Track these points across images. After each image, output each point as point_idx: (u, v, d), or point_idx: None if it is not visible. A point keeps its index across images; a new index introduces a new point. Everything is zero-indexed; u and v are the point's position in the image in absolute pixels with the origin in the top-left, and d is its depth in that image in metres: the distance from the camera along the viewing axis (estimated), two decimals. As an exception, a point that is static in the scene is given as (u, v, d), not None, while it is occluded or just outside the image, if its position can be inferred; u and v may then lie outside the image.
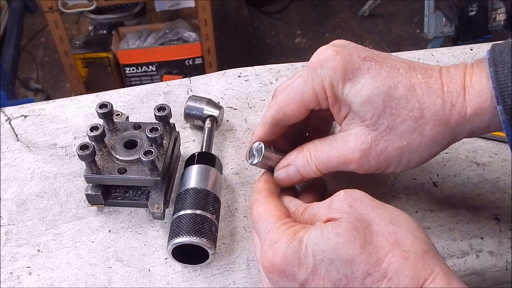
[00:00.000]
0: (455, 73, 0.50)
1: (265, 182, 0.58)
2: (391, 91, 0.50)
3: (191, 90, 0.81)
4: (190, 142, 0.74)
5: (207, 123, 0.71)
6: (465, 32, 2.33)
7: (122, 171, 0.61)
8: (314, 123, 0.63)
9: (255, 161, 0.59)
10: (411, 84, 0.50)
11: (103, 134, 0.62)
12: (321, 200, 0.57)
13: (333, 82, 0.51)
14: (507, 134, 0.48)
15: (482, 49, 0.84)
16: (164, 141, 0.63)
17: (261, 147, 0.58)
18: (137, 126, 0.66)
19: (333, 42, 0.55)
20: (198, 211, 0.57)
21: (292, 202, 0.56)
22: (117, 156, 0.62)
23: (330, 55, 0.51)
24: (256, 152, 0.59)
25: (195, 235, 0.55)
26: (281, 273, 0.46)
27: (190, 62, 2.45)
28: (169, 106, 0.64)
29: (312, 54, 0.54)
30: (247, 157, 0.60)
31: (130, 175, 0.61)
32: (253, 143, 0.59)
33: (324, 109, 0.55)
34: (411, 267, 0.42)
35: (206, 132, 0.70)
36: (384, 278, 0.42)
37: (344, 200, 0.48)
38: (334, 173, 0.57)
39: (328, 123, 0.63)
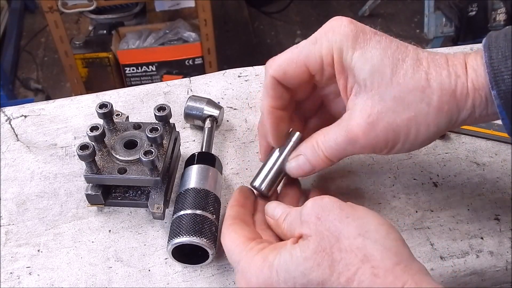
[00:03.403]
0: (456, 55, 0.51)
1: (230, 207, 0.57)
2: (399, 63, 0.50)
3: (191, 90, 0.81)
4: (190, 142, 0.74)
5: (207, 123, 0.71)
6: (465, 32, 2.33)
7: (122, 171, 0.61)
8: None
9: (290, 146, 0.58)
10: (418, 58, 0.50)
11: (103, 134, 0.62)
12: (297, 199, 0.59)
13: (342, 48, 0.51)
14: (502, 118, 0.48)
15: (482, 49, 0.84)
16: (164, 141, 0.63)
17: (299, 135, 0.58)
18: (137, 126, 0.66)
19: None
20: (198, 211, 0.57)
21: (277, 208, 0.55)
22: (117, 156, 0.62)
23: (344, 22, 0.51)
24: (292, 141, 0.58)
25: (195, 235, 0.55)
26: None
27: (190, 62, 2.44)
28: (169, 106, 0.64)
29: None
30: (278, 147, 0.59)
31: (130, 175, 0.61)
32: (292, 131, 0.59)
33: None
34: (381, 283, 0.42)
35: (206, 132, 0.70)
36: None
37: (312, 211, 0.47)
38: (335, 172, 0.57)
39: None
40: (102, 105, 0.64)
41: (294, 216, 0.51)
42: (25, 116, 0.77)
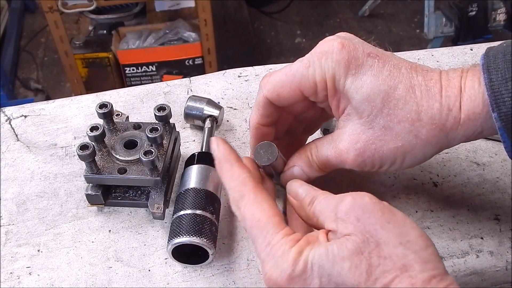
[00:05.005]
0: (453, 76, 0.50)
1: (242, 167, 0.52)
2: (390, 91, 0.50)
3: (191, 90, 0.81)
4: (190, 142, 0.74)
5: (207, 123, 0.71)
6: (465, 32, 2.33)
7: (122, 171, 0.61)
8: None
9: (267, 162, 0.56)
10: (411, 86, 0.50)
11: (103, 134, 0.62)
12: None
13: (335, 75, 0.51)
14: (503, 141, 0.48)
15: (482, 49, 0.84)
16: (164, 141, 0.63)
17: (275, 148, 0.56)
18: (137, 126, 0.66)
19: (338, 34, 0.54)
20: (198, 211, 0.57)
21: (301, 188, 0.53)
22: (117, 156, 0.62)
23: (336, 48, 0.51)
24: (265, 152, 0.56)
25: (195, 235, 0.55)
26: None
27: (190, 62, 2.44)
28: (169, 106, 0.64)
29: None
30: (255, 158, 0.57)
31: (130, 175, 0.61)
32: (261, 142, 0.57)
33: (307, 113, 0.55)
34: None
35: (206, 132, 0.70)
36: None
37: (352, 211, 0.45)
38: (335, 172, 0.58)
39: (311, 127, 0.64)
40: (102, 105, 0.64)
41: (325, 206, 0.48)
42: (25, 116, 0.77)
